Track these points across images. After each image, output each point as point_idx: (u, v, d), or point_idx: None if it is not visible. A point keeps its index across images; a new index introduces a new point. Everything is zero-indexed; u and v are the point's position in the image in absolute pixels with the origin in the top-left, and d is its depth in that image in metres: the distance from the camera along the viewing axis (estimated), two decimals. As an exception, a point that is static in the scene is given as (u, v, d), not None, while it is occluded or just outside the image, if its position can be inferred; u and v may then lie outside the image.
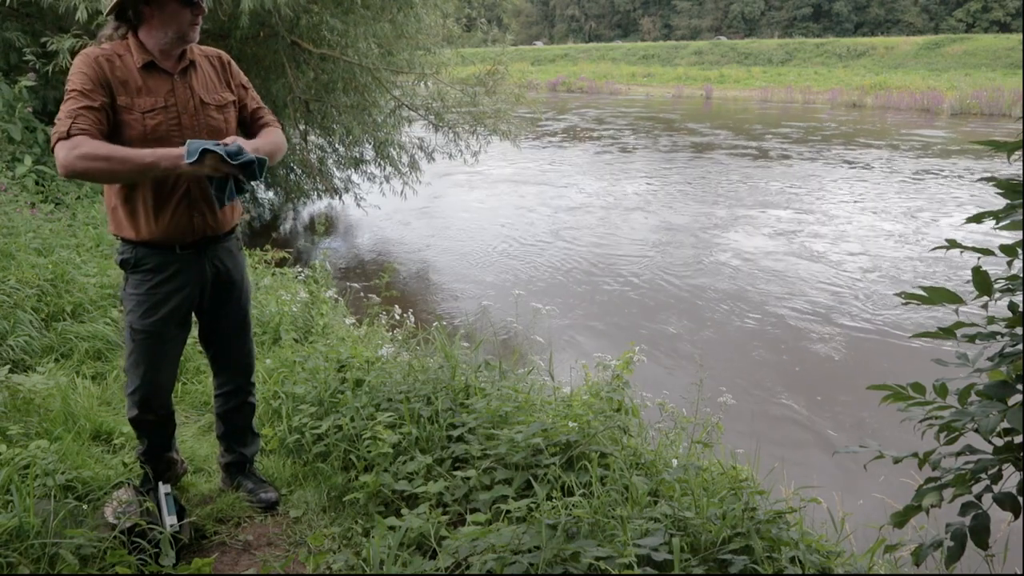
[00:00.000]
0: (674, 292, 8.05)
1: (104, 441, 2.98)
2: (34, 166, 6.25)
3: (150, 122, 2.13)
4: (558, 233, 10.61)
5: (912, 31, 50.99)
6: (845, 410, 5.32)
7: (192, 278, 2.31)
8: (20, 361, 3.58)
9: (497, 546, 1.95)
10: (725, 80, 39.47)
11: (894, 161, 16.69)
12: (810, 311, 7.36)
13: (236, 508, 2.55)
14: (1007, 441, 1.38)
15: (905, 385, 1.46)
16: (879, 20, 56.46)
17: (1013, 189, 1.30)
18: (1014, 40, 36.57)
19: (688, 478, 2.36)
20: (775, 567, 1.94)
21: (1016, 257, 1.32)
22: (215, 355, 2.57)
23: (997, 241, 1.35)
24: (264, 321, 4.37)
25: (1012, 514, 1.35)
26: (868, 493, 3.23)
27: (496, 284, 8.35)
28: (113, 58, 2.13)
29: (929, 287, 1.37)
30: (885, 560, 2.30)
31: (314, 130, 10.35)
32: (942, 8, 54.07)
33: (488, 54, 10.73)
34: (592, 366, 3.38)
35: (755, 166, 16.28)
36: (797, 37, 51.56)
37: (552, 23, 77.18)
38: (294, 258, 7.37)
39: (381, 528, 2.18)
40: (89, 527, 2.17)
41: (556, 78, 43.30)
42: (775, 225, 10.91)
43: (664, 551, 1.91)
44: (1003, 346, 1.37)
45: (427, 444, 2.70)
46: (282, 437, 2.96)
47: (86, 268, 4.61)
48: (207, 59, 2.33)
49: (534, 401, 3.09)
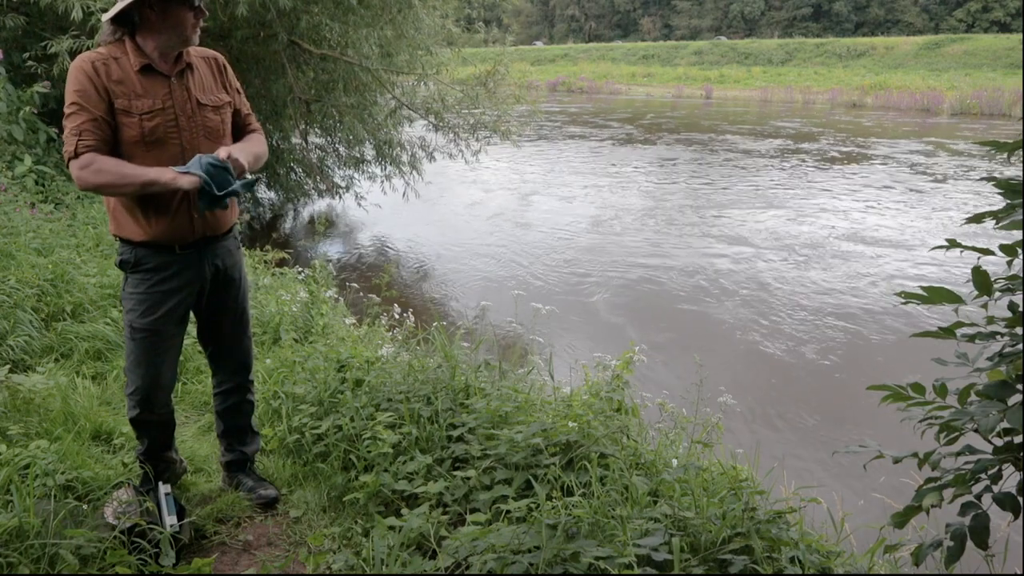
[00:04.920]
0: (674, 292, 8.05)
1: (104, 441, 2.98)
2: (34, 166, 6.25)
3: (148, 124, 2.14)
4: (558, 233, 10.61)
5: (912, 31, 50.96)
6: (845, 410, 5.32)
7: (192, 277, 2.32)
8: (20, 361, 3.58)
9: (497, 546, 1.95)
10: (725, 80, 39.46)
11: (893, 161, 16.69)
12: (810, 311, 7.36)
13: (236, 508, 2.55)
14: (1007, 441, 1.38)
15: (905, 385, 1.46)
16: (879, 20, 56.43)
17: (1013, 189, 1.30)
18: (1014, 40, 36.56)
19: (688, 478, 2.36)
20: (775, 567, 1.94)
21: (1016, 257, 1.32)
22: (214, 353, 2.58)
23: (996, 241, 1.35)
24: (264, 321, 4.37)
25: (1012, 514, 1.35)
26: (868, 493, 3.23)
27: (496, 284, 8.35)
28: (109, 61, 2.13)
29: (929, 287, 1.37)
30: (885, 560, 2.30)
31: (314, 130, 10.36)
32: (942, 8, 54.05)
33: (488, 54, 10.74)
34: (592, 366, 3.38)
35: (755, 166, 16.28)
36: (797, 37, 51.53)
37: (552, 23, 77.17)
38: (294, 258, 7.37)
39: (381, 528, 2.18)
40: (89, 527, 2.17)
41: (556, 78, 43.28)
42: (775, 225, 10.91)
43: (664, 551, 1.91)
44: (1003, 346, 1.37)
45: (427, 444, 2.70)
46: (282, 437, 2.96)
47: (86, 268, 4.61)
48: (203, 60, 2.33)
49: (534, 401, 3.09)
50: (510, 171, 15.73)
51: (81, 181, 2.09)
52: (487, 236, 10.53)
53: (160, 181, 2.08)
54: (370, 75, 9.00)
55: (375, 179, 10.77)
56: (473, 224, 11.34)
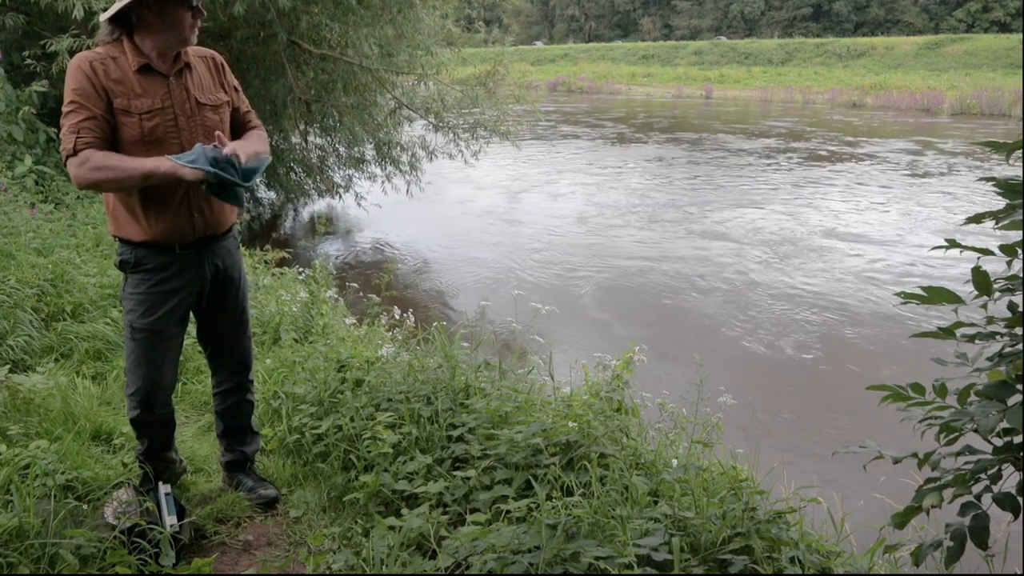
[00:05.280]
0: (674, 292, 8.05)
1: (104, 441, 2.98)
2: (34, 166, 6.25)
3: (147, 124, 2.14)
4: (558, 233, 10.61)
5: (912, 31, 50.94)
6: (845, 410, 5.32)
7: (192, 277, 2.32)
8: (20, 361, 3.58)
9: (497, 546, 1.95)
10: (725, 80, 39.45)
11: (893, 161, 16.69)
12: (809, 310, 7.36)
13: (236, 508, 2.55)
14: (1007, 441, 1.38)
15: (905, 385, 1.46)
16: (879, 20, 56.41)
17: (1013, 189, 1.30)
18: (1014, 40, 36.55)
19: (688, 478, 2.36)
20: (775, 567, 1.94)
21: (1016, 257, 1.32)
22: (214, 353, 2.58)
23: (995, 242, 1.35)
24: (264, 321, 4.37)
25: (1012, 514, 1.35)
26: (868, 493, 3.23)
27: (496, 284, 8.35)
28: (107, 61, 2.13)
29: (928, 287, 1.37)
30: (885, 560, 2.30)
31: (314, 130, 10.36)
32: (942, 8, 54.03)
33: (488, 54, 10.74)
34: (592, 366, 3.38)
35: (755, 166, 16.28)
36: (797, 37, 51.51)
37: (552, 23, 77.15)
38: (294, 258, 7.37)
39: (381, 528, 2.18)
40: (89, 527, 2.17)
41: (556, 78, 43.26)
42: (774, 225, 10.91)
43: (664, 551, 1.91)
44: (1003, 346, 1.37)
45: (427, 444, 2.70)
46: (282, 437, 2.96)
47: (86, 268, 4.61)
48: (201, 60, 2.33)
49: (534, 401, 3.09)
50: (510, 171, 15.73)
51: (79, 178, 2.08)
52: (487, 236, 10.53)
53: (159, 171, 2.07)
54: (370, 75, 9.00)
55: (375, 179, 10.78)
56: (473, 224, 11.34)
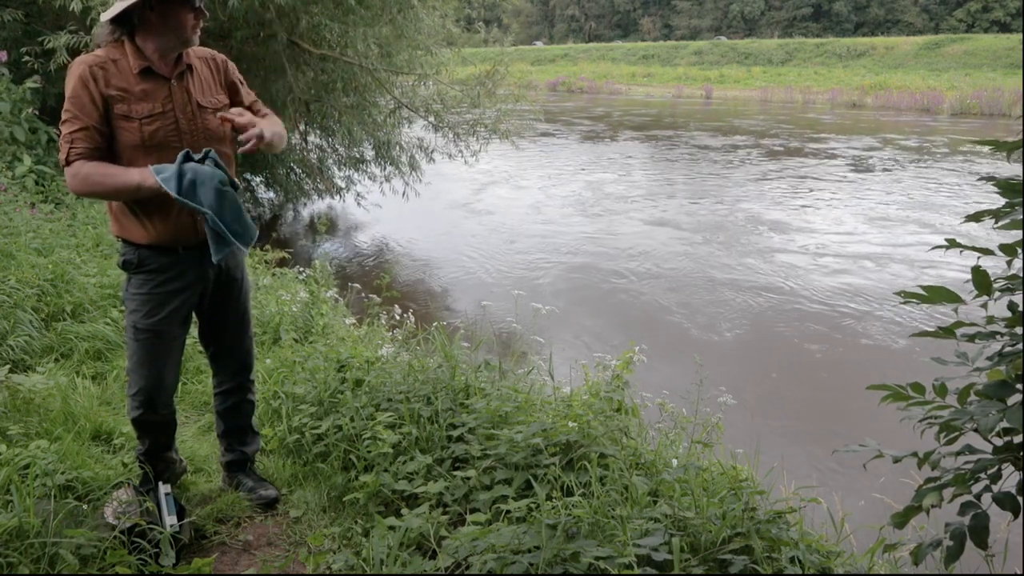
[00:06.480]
0: (674, 291, 8.05)
1: (104, 441, 2.98)
2: (34, 166, 6.25)
3: (148, 128, 2.13)
4: (558, 233, 10.61)
5: (912, 31, 50.94)
6: (845, 410, 5.32)
7: (195, 278, 2.32)
8: (20, 361, 3.58)
9: (497, 546, 1.95)
10: (725, 80, 39.45)
11: (893, 161, 16.69)
12: (809, 310, 7.36)
13: (236, 508, 2.55)
14: (1007, 441, 1.38)
15: (905, 385, 1.46)
16: (879, 20, 56.42)
17: (1012, 189, 1.30)
18: (1014, 40, 36.56)
19: (688, 478, 2.36)
20: (775, 567, 1.94)
21: (1016, 257, 1.32)
22: (215, 353, 2.57)
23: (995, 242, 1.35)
24: (264, 321, 4.37)
25: (1012, 514, 1.35)
26: (868, 493, 3.23)
27: (496, 284, 8.35)
28: (108, 65, 2.12)
29: (928, 286, 1.37)
30: (885, 560, 2.30)
31: (314, 130, 10.35)
32: (942, 8, 54.05)
33: (488, 54, 10.72)
34: (592, 366, 3.38)
35: (755, 166, 16.28)
36: (797, 37, 51.52)
37: (552, 23, 77.15)
38: (294, 258, 7.36)
39: (381, 528, 2.18)
40: (89, 527, 2.17)
41: (556, 78, 43.27)
42: (774, 225, 10.91)
43: (664, 551, 1.91)
44: (1002, 346, 1.37)
45: (427, 444, 2.70)
46: (282, 437, 2.96)
47: (86, 268, 4.61)
48: (203, 61, 2.32)
49: (534, 401, 3.09)
50: (510, 171, 15.72)
51: (73, 189, 2.16)
52: (487, 236, 10.52)
53: (145, 186, 2.07)
54: (370, 75, 8.99)
55: (375, 179, 10.78)
56: (473, 224, 11.33)
